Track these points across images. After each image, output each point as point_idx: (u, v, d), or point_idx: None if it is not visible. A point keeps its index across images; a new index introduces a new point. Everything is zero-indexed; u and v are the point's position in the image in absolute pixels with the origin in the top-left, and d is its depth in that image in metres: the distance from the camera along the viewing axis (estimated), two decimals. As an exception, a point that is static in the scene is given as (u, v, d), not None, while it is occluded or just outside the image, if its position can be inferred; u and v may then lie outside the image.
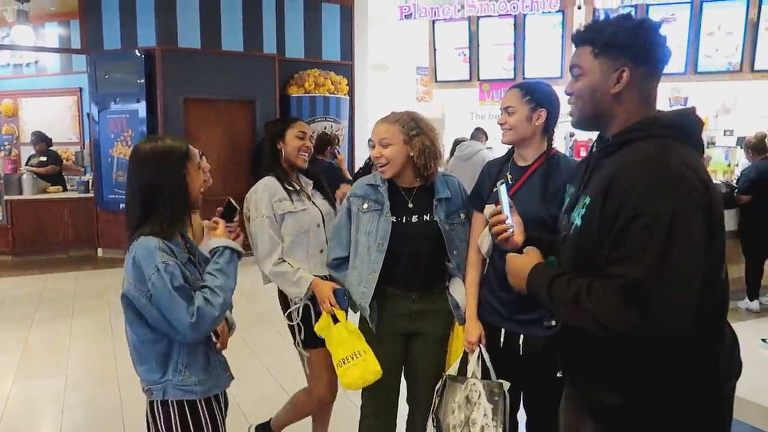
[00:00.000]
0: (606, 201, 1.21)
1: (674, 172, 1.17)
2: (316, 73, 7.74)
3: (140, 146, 1.70)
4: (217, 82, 7.17)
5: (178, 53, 7.08)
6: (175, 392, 1.65)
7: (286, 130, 2.47)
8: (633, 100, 1.30)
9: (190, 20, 7.19)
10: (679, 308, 1.15)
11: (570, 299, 1.25)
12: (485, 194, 2.09)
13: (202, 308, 1.54)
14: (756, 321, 5.05)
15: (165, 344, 1.63)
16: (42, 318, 5.07)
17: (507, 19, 8.71)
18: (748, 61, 7.81)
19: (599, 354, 1.31)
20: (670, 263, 1.13)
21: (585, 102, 1.35)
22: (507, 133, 2.04)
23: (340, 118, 7.91)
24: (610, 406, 1.31)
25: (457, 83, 9.36)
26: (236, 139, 7.45)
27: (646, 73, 1.29)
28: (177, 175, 1.65)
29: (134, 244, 1.58)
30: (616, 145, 1.31)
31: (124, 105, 7.16)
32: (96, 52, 7.27)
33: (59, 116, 9.32)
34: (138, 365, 1.68)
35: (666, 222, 1.13)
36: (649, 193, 1.15)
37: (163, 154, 1.66)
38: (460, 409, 2.04)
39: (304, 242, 2.40)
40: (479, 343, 2.08)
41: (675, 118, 1.29)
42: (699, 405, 1.26)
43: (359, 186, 2.22)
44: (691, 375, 1.25)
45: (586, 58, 1.32)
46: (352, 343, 2.19)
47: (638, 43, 1.27)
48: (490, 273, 2.10)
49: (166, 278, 1.52)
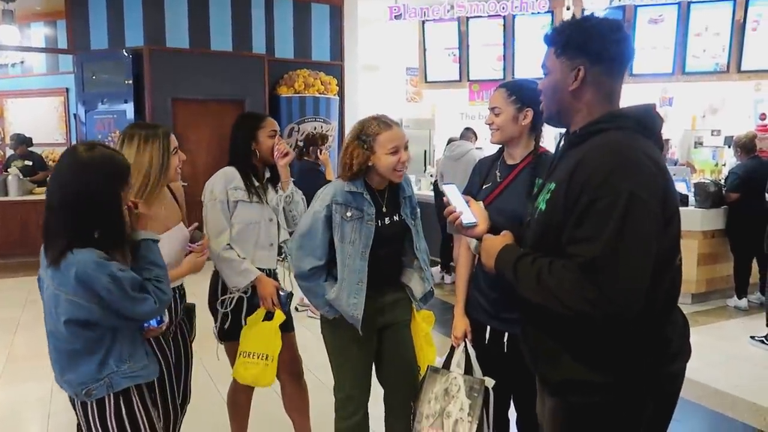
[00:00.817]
0: (570, 185, 1.29)
1: (634, 159, 1.25)
2: (305, 73, 7.72)
3: (81, 152, 1.61)
4: (205, 83, 7.13)
5: (166, 53, 7.03)
6: (123, 381, 1.66)
7: (258, 130, 2.53)
8: (592, 96, 1.38)
9: (178, 20, 7.14)
10: (631, 285, 1.22)
11: (533, 277, 1.32)
12: (474, 191, 2.11)
13: (158, 294, 1.65)
14: (744, 319, 5.10)
15: (108, 341, 1.64)
16: (28, 321, 5.00)
17: (496, 19, 8.72)
18: (735, 61, 7.87)
19: (557, 333, 1.39)
20: (625, 242, 1.21)
21: (549, 98, 1.45)
22: (495, 134, 2.06)
23: (330, 118, 7.89)
24: (568, 383, 1.38)
25: (447, 84, 9.36)
26: (225, 140, 7.21)
27: (604, 72, 1.36)
28: (116, 193, 1.62)
29: (66, 263, 1.54)
30: (582, 136, 1.38)
31: (111, 105, 7.09)
32: (83, 52, 7.20)
33: (45, 117, 9.21)
34: (68, 372, 1.66)
35: (623, 204, 1.20)
36: (609, 177, 1.23)
37: (108, 165, 1.62)
38: (437, 400, 2.07)
39: (254, 233, 2.46)
40: (465, 339, 2.11)
41: (638, 113, 1.38)
42: (649, 383, 1.34)
43: (339, 193, 2.13)
44: (643, 354, 1.33)
45: (550, 58, 1.43)
46: (268, 344, 2.36)
47: (593, 44, 1.34)
48: (478, 270, 2.12)
49: (126, 282, 1.57)
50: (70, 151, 1.65)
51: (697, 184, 5.61)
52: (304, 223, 2.18)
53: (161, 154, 2.02)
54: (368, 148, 2.09)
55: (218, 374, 3.66)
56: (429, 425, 2.04)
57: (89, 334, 1.61)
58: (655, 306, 1.31)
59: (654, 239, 1.24)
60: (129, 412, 1.69)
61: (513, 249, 1.46)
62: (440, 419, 2.03)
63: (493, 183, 2.08)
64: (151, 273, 1.68)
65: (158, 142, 2.02)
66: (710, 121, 8.40)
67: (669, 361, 1.38)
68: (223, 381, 3.29)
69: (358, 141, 2.11)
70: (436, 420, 2.03)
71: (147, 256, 1.70)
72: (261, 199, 2.48)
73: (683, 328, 1.44)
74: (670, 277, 1.36)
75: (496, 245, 1.49)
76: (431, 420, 2.04)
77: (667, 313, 1.38)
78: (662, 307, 1.35)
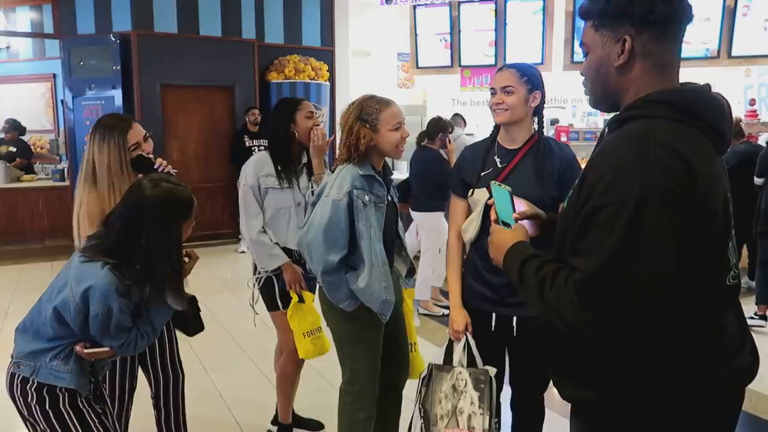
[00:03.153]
0: (582, 186, 1.15)
1: (649, 158, 1.05)
2: (296, 59, 7.65)
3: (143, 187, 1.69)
4: (194, 68, 7.04)
5: (155, 38, 6.94)
6: (47, 376, 1.69)
7: (296, 112, 2.61)
8: (643, 70, 1.17)
9: (167, 4, 7.05)
10: (632, 310, 1.06)
11: (535, 286, 1.18)
12: (472, 180, 2.05)
13: (131, 342, 1.71)
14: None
15: (67, 341, 1.69)
16: (17, 309, 4.96)
17: (488, 4, 8.66)
18: (726, 47, 7.88)
19: (572, 349, 1.25)
20: (628, 259, 1.04)
21: (593, 81, 1.24)
22: (503, 114, 1.98)
23: (320, 104, 7.84)
24: (582, 401, 1.27)
25: (439, 69, 9.31)
26: (215, 126, 7.35)
27: (654, 38, 1.14)
28: (174, 233, 1.67)
29: (92, 271, 1.60)
30: (616, 123, 1.20)
31: (99, 91, 7.00)
32: (69, 37, 7.09)
33: (32, 103, 9.08)
34: (26, 339, 1.72)
35: (629, 213, 1.03)
36: (616, 180, 1.06)
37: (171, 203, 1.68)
38: (447, 398, 2.03)
39: (285, 217, 2.61)
40: (465, 331, 2.06)
41: (677, 97, 1.15)
42: (664, 412, 1.17)
43: (356, 178, 2.08)
44: (657, 380, 1.16)
45: (589, 34, 1.22)
46: (314, 320, 2.55)
47: (636, 5, 1.12)
48: (475, 259, 2.07)
49: (113, 320, 1.62)
50: (136, 184, 1.74)
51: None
52: (323, 214, 2.06)
53: (117, 154, 2.09)
54: (372, 127, 2.07)
55: (211, 363, 3.66)
56: (445, 426, 2.01)
57: (61, 329, 1.68)
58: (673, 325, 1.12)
59: (667, 254, 1.05)
60: (53, 405, 1.70)
61: (523, 248, 1.30)
62: (454, 418, 2.00)
63: (494, 169, 2.02)
64: (144, 327, 1.74)
65: (114, 140, 2.09)
66: (701, 106, 8.43)
67: (703, 389, 1.17)
68: (215, 369, 3.29)
69: (361, 121, 2.08)
70: (451, 420, 2.01)
71: (152, 319, 1.76)
72: (291, 184, 2.60)
73: (723, 352, 1.19)
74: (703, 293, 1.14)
75: (508, 240, 1.33)
76: (446, 420, 2.02)
77: (693, 336, 1.16)
78: (685, 327, 1.14)
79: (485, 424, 1.95)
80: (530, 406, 2.19)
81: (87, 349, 1.69)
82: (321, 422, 2.88)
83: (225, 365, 3.70)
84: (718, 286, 1.18)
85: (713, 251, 1.14)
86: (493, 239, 1.39)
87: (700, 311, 1.15)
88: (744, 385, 1.24)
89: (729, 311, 1.23)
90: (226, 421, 2.96)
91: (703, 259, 1.11)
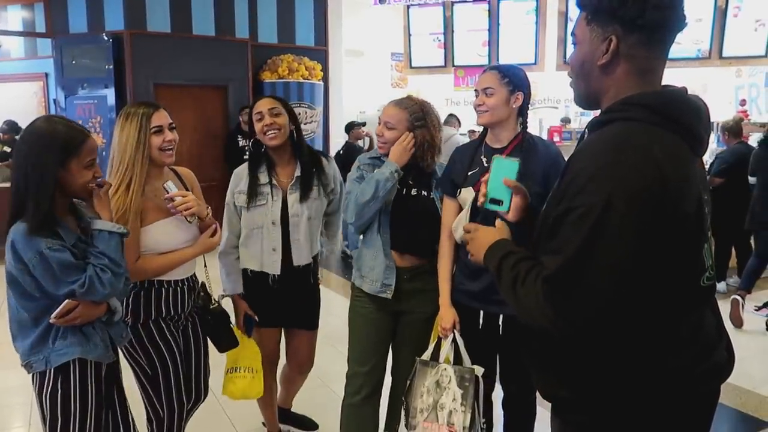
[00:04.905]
0: (559, 186, 1.17)
1: (621, 162, 1.06)
2: (289, 58, 7.64)
3: (29, 126, 1.67)
4: (188, 68, 7.03)
5: (148, 37, 6.91)
6: (57, 359, 1.67)
7: (252, 115, 2.38)
8: (623, 73, 1.17)
9: (160, 3, 7.02)
10: (591, 309, 1.07)
11: (509, 282, 1.20)
12: (459, 179, 2.09)
13: (92, 278, 1.60)
14: (723, 302, 5.19)
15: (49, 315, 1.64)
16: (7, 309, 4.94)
17: (481, 4, 8.70)
18: (717, 47, 7.94)
19: (549, 347, 1.25)
20: (590, 259, 1.06)
21: (577, 75, 1.24)
22: (484, 115, 2.04)
23: (314, 104, 7.84)
24: (561, 399, 1.28)
25: (432, 69, 9.34)
26: (209, 125, 7.33)
27: (640, 42, 1.14)
28: (51, 166, 1.59)
29: (10, 231, 1.60)
30: (595, 125, 1.20)
31: (91, 91, 6.97)
32: (61, 36, 7.06)
33: (24, 102, 9.01)
34: (19, 341, 1.70)
35: (596, 216, 1.05)
36: (588, 184, 1.07)
37: (41, 141, 1.62)
38: (429, 393, 2.06)
39: (259, 238, 2.39)
40: (453, 329, 2.09)
41: (656, 100, 1.15)
42: (642, 410, 1.17)
43: (364, 158, 2.28)
44: (634, 377, 1.16)
45: (580, 26, 1.21)
46: (250, 359, 2.41)
47: (628, 7, 1.11)
48: (464, 257, 2.10)
49: (53, 261, 1.56)
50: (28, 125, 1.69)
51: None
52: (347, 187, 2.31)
53: (137, 134, 1.95)
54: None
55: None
56: (424, 419, 2.03)
57: (31, 304, 1.65)
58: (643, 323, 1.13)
59: (630, 257, 1.06)
60: (64, 392, 1.69)
61: (503, 245, 1.30)
62: (434, 412, 2.03)
63: (480, 167, 2.06)
64: (97, 260, 1.64)
65: (136, 120, 1.97)
66: (692, 106, 8.48)
67: (683, 386, 1.17)
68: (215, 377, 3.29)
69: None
70: (431, 413, 2.03)
71: (97, 246, 1.66)
72: (267, 200, 2.36)
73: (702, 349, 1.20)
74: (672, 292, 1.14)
75: (489, 238, 1.33)
76: (425, 414, 2.04)
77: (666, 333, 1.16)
78: (656, 325, 1.15)
79: (466, 422, 1.97)
80: (521, 407, 2.21)
81: (55, 317, 1.63)
82: (315, 422, 2.89)
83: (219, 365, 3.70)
84: (693, 286, 1.19)
85: (687, 252, 1.15)
86: (476, 236, 1.38)
87: (675, 311, 1.17)
88: (721, 381, 1.25)
89: (706, 308, 1.25)
90: (221, 422, 2.97)
91: (677, 260, 1.13)
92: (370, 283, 2.22)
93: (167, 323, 2.06)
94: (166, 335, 2.04)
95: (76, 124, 1.71)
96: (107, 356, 1.77)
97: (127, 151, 1.96)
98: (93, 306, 1.68)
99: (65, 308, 1.62)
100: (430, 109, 2.23)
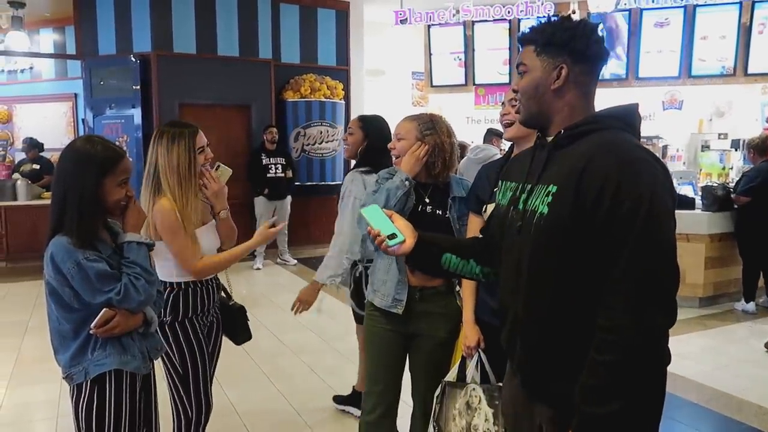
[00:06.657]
0: (579, 188, 1.25)
1: (641, 157, 1.25)
2: (311, 78, 7.75)
3: (69, 145, 1.76)
4: (212, 88, 7.17)
5: (174, 58, 7.08)
6: (95, 369, 1.71)
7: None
8: (574, 96, 1.37)
9: (186, 25, 7.19)
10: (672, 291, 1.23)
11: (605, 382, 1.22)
12: (485, 196, 2.09)
13: (127, 285, 1.68)
14: (752, 323, 5.07)
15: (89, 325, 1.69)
16: (36, 324, 5.03)
17: (502, 23, 8.74)
18: (742, 64, 7.86)
19: (554, 346, 1.34)
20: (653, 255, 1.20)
21: (529, 98, 1.41)
22: (510, 129, 2.04)
23: (336, 122, 7.92)
24: (565, 393, 1.30)
25: (453, 88, 9.39)
26: (232, 144, 7.43)
27: (584, 71, 1.36)
28: (89, 184, 1.68)
29: (50, 245, 1.67)
30: (570, 137, 1.36)
31: (119, 110, 7.14)
32: (91, 58, 7.25)
33: (54, 122, 9.27)
34: (61, 353, 1.75)
35: (647, 202, 1.20)
36: (625, 180, 1.21)
37: (81, 159, 1.70)
38: (461, 415, 2.02)
39: None
40: (478, 348, 2.06)
41: (625, 112, 1.38)
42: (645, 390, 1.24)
43: (384, 172, 2.28)
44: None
45: (529, 57, 1.39)
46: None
47: (576, 42, 1.34)
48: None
49: (90, 271, 1.63)
50: (67, 145, 1.78)
51: (704, 187, 5.59)
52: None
53: (187, 153, 2.13)
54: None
55: (225, 379, 3.67)
56: None
57: (71, 315, 1.70)
58: None
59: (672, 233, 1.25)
60: (99, 403, 1.72)
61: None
62: None
63: None
64: (130, 269, 1.72)
65: (184, 141, 2.13)
66: (717, 124, 8.37)
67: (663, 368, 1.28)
68: (230, 385, 3.28)
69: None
70: None
71: (128, 256, 1.75)
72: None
73: None
74: None
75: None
76: None
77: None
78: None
79: None
80: None
81: (95, 326, 1.68)
82: None
83: (239, 381, 3.71)
84: None
85: None
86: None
87: None
88: None
89: None
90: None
91: None
92: (381, 297, 2.22)
93: (199, 322, 2.22)
94: (198, 335, 2.19)
95: (113, 144, 1.81)
96: (144, 367, 1.82)
97: (181, 172, 2.12)
98: (130, 315, 1.74)
99: (103, 317, 1.68)
100: (440, 119, 2.27)
